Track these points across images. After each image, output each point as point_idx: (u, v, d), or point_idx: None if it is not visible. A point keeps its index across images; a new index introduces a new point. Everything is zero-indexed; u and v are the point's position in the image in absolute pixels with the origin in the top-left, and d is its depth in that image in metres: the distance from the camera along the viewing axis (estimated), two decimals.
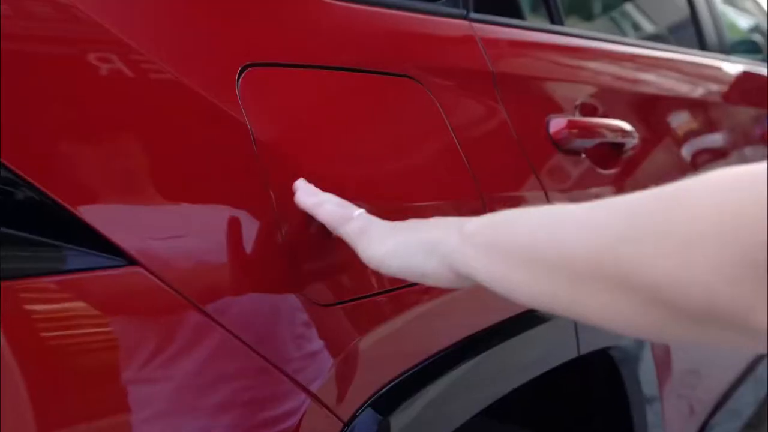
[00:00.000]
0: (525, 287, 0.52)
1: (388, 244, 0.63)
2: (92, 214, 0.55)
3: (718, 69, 1.95)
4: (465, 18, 1.06)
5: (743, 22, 2.64)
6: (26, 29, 0.57)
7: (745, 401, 1.83)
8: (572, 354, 1.07)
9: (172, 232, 0.60)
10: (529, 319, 0.97)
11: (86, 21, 0.60)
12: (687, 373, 1.49)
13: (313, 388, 0.67)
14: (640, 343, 1.26)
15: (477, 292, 0.91)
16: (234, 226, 0.65)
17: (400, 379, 0.77)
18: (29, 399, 0.50)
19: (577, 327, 1.07)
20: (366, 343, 0.74)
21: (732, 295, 0.39)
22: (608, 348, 1.17)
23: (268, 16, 0.78)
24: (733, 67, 2.01)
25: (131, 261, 0.57)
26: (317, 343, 0.70)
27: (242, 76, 0.70)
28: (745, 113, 1.97)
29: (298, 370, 0.67)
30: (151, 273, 0.58)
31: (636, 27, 2.03)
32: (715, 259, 0.39)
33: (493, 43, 1.09)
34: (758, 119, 2.00)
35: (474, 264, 0.57)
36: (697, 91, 1.80)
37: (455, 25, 1.04)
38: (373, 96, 0.83)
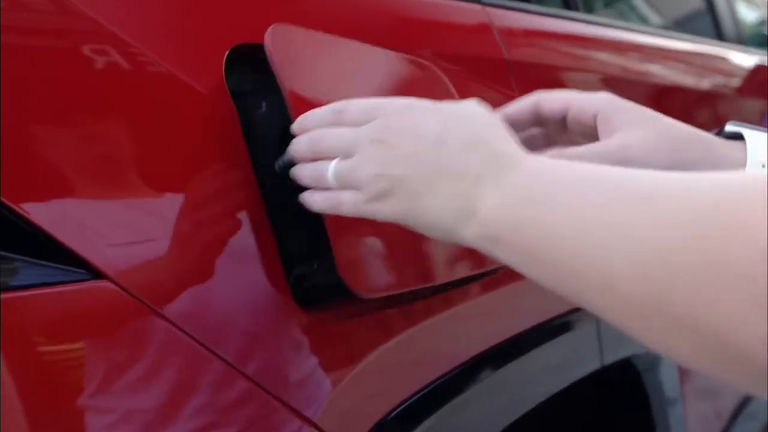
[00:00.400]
0: (568, 295, 0.44)
1: (386, 208, 0.51)
2: (44, 216, 0.47)
3: (741, 60, 1.87)
4: (478, 2, 0.98)
5: (749, 15, 2.56)
6: None
7: (763, 404, 1.76)
8: (595, 365, 1.01)
9: (145, 237, 0.52)
10: (547, 329, 0.90)
11: None
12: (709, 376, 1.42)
13: (311, 414, 0.60)
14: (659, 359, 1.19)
15: (493, 305, 0.83)
16: (219, 229, 0.56)
17: (412, 400, 0.70)
18: None
19: (600, 336, 1.00)
20: (371, 361, 0.67)
21: None
22: (632, 357, 1.11)
23: None
24: (752, 59, 1.94)
25: (96, 273, 0.49)
26: (316, 363, 0.62)
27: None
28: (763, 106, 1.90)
29: (294, 394, 0.59)
30: (121, 287, 0.49)
31: (652, 16, 1.96)
32: None
33: (507, 29, 1.01)
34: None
35: (502, 257, 0.47)
36: (719, 83, 1.73)
37: (468, 10, 0.96)
38: (383, 79, 0.75)
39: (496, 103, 0.92)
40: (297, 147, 0.56)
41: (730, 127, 0.62)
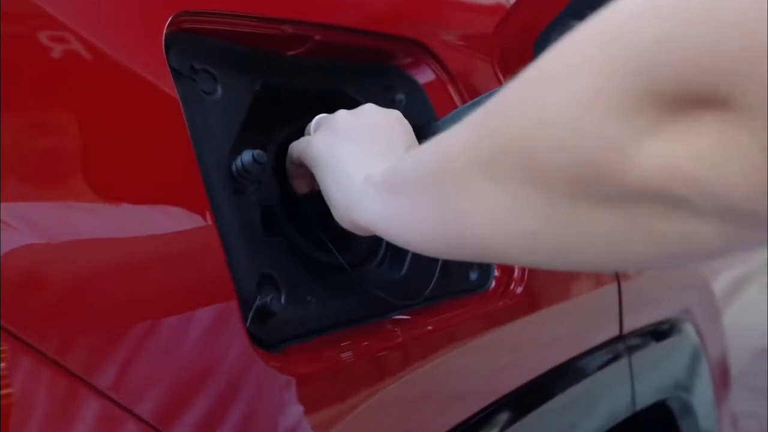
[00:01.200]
0: (412, 215, 0.45)
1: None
2: None
3: None
4: None
5: None
6: None
7: None
8: (627, 411, 0.89)
9: (45, 259, 0.38)
10: (573, 372, 0.77)
11: None
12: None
13: None
14: (694, 387, 1.10)
15: (509, 341, 0.71)
16: (153, 247, 0.42)
17: None
18: None
19: (633, 378, 0.87)
20: (361, 413, 0.53)
21: (600, 135, 0.29)
22: (665, 399, 1.00)
23: None
24: None
25: None
26: (292, 420, 0.48)
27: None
28: None
29: None
30: (8, 332, 0.35)
31: None
32: (584, 88, 0.29)
33: None
34: None
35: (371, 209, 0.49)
36: None
37: None
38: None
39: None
40: None
41: None
